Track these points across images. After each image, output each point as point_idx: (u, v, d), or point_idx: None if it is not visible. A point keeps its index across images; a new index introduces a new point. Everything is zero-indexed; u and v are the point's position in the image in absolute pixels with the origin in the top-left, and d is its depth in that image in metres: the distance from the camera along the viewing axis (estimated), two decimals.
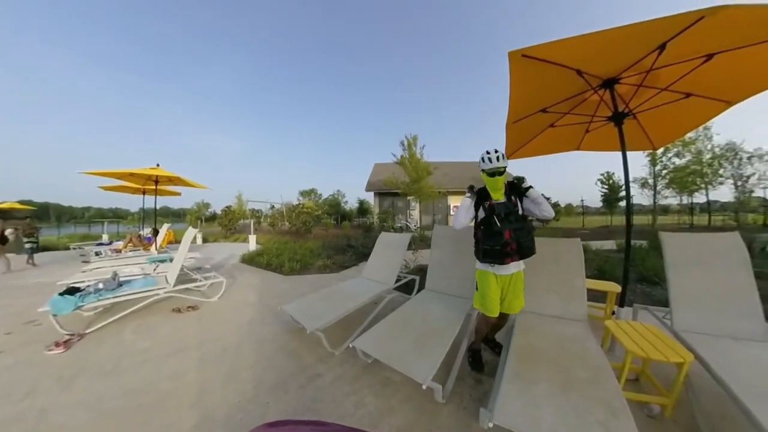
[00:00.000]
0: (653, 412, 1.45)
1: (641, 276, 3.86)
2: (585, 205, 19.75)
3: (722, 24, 1.32)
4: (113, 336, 2.43)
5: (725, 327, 1.72)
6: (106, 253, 5.58)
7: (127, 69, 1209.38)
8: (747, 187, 15.32)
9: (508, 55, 1.38)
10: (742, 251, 1.84)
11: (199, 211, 32.33)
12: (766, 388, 1.23)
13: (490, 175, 1.65)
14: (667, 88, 1.93)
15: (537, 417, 1.09)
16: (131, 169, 4.81)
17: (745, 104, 2.03)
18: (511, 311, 1.75)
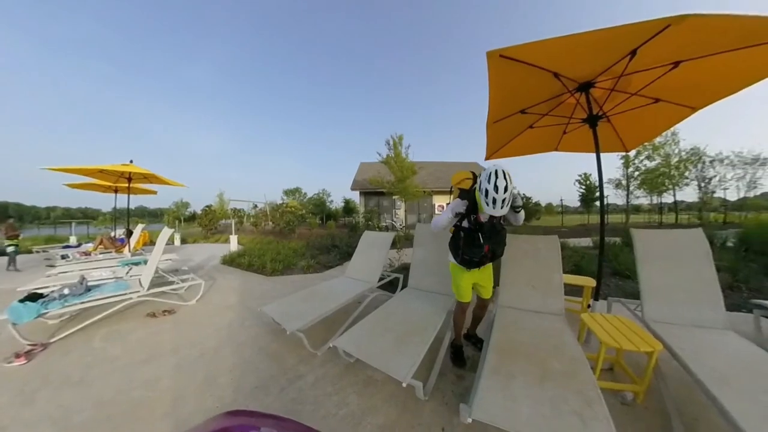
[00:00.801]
0: (627, 400, 1.53)
1: (615, 270, 4.05)
2: (564, 204, 20.52)
3: (687, 32, 1.39)
4: (81, 345, 2.28)
5: (691, 317, 1.83)
6: (74, 257, 5.24)
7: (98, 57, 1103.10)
8: (709, 189, 16.53)
9: (487, 55, 1.40)
10: (705, 246, 1.97)
11: (178, 210, 31.04)
12: (727, 372, 1.32)
13: None
14: (638, 93, 2.03)
15: (515, 410, 1.11)
16: (102, 166, 4.52)
17: (709, 111, 2.17)
18: (485, 295, 1.92)
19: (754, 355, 1.47)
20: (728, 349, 1.54)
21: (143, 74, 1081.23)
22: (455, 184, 1.92)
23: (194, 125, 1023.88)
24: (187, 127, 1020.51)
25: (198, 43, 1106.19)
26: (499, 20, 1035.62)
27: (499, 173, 1.42)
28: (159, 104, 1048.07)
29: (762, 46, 1.45)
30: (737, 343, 1.59)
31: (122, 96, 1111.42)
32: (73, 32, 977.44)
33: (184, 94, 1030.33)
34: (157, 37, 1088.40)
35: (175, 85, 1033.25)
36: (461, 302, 1.85)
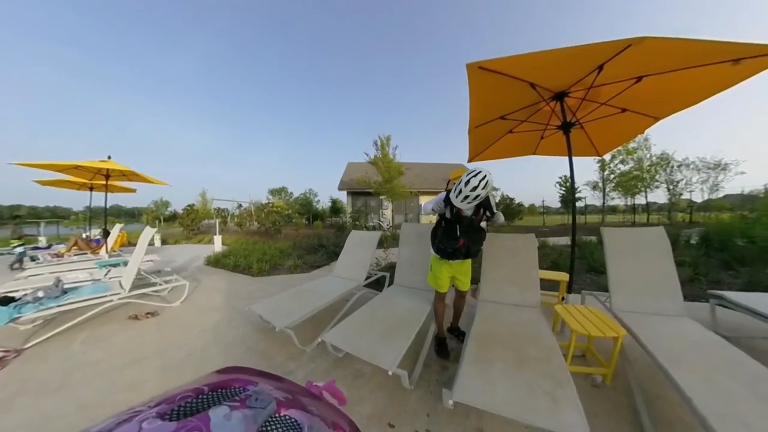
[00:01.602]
0: (596, 382, 1.67)
1: (590, 266, 4.29)
2: (545, 205, 21.34)
3: (647, 52, 1.56)
4: (59, 350, 2.19)
5: (652, 306, 2.01)
6: (45, 258, 4.98)
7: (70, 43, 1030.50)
8: (677, 191, 17.70)
9: (466, 67, 1.51)
10: (666, 242, 2.16)
11: (158, 210, 29.82)
12: (682, 353, 1.48)
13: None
14: (606, 103, 2.21)
15: (493, 393, 1.21)
16: (77, 161, 4.29)
17: (676, 121, 2.38)
18: (462, 288, 2.02)
19: (707, 338, 1.64)
20: (684, 334, 1.70)
21: (122, 64, 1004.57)
22: (452, 178, 2.06)
23: (176, 120, 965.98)
24: (169, 122, 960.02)
25: (181, 33, 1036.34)
26: (484, 25, 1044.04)
27: (479, 176, 1.53)
28: (138, 97, 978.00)
29: (711, 65, 1.64)
30: (692, 328, 1.76)
31: (98, 87, 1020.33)
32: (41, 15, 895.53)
33: (165, 87, 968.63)
34: (137, 23, 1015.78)
35: (156, 77, 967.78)
36: (439, 292, 1.98)
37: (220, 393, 0.27)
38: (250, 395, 0.27)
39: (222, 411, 0.23)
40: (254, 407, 0.25)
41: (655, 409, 1.47)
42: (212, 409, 0.23)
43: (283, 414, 0.27)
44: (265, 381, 0.32)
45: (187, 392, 0.26)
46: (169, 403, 0.24)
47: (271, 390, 0.29)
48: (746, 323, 2.40)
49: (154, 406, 0.23)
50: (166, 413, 0.22)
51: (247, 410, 0.24)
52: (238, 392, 0.28)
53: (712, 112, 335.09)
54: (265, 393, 0.28)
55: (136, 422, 0.21)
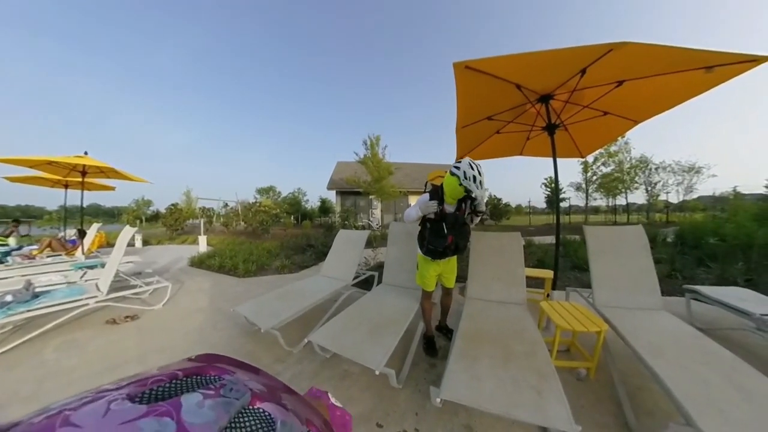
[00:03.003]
0: (581, 376, 1.72)
1: (575, 264, 4.42)
2: (532, 205, 21.89)
3: (628, 56, 1.62)
4: (30, 357, 2.06)
5: (632, 300, 2.08)
6: (13, 260, 4.70)
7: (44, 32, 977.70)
8: (655, 192, 18.54)
9: (453, 66, 1.52)
10: (644, 240, 2.24)
11: (139, 209, 28.76)
12: (661, 345, 1.53)
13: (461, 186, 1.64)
14: (589, 106, 2.29)
15: (479, 388, 1.22)
16: (51, 157, 4.06)
17: (655, 125, 2.49)
18: (448, 285, 2.05)
19: (684, 330, 1.72)
20: (662, 327, 1.77)
21: (103, 56, 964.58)
22: (430, 179, 2.07)
23: (160, 116, 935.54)
24: (152, 117, 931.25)
25: (167, 26, 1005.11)
26: (475, 26, 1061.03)
27: (466, 161, 1.62)
28: (118, 91, 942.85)
29: (687, 72, 1.72)
30: (670, 322, 1.84)
31: (77, 79, 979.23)
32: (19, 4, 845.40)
33: (149, 81, 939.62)
34: (119, 17, 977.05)
35: (138, 70, 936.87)
36: (426, 291, 2.00)
37: (195, 380, 0.27)
38: (224, 384, 0.26)
39: (195, 398, 0.23)
40: (228, 397, 0.24)
41: (636, 399, 1.53)
42: (185, 396, 0.23)
43: (257, 406, 0.26)
44: (242, 372, 0.31)
45: (161, 376, 0.25)
46: (140, 386, 0.23)
47: (247, 381, 0.29)
48: (719, 316, 2.53)
49: (124, 387, 0.23)
50: (137, 395, 0.22)
51: (220, 399, 0.24)
52: (213, 380, 0.27)
53: (688, 117, 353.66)
54: (241, 384, 0.27)
55: (104, 402, 0.20)
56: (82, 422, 0.18)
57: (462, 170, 1.60)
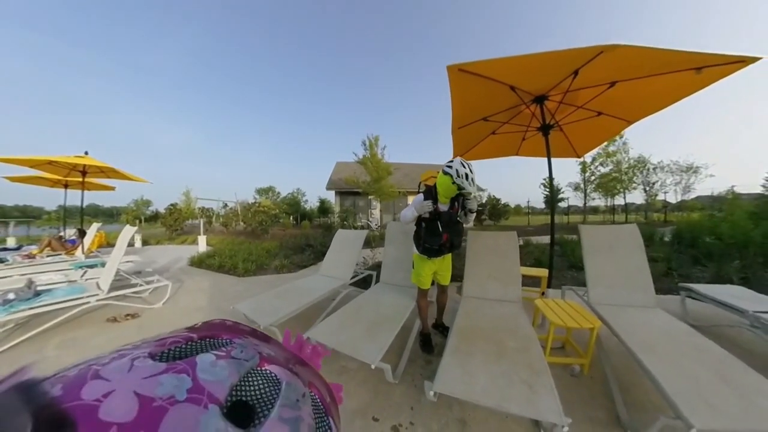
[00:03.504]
0: (575, 372, 1.75)
1: (571, 263, 4.46)
2: (530, 206, 21.93)
3: (619, 58, 1.65)
4: (31, 355, 2.09)
5: (626, 298, 2.11)
6: (14, 260, 4.72)
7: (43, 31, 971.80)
8: (653, 192, 18.60)
9: (447, 69, 1.55)
10: (639, 239, 2.27)
11: (138, 209, 28.76)
12: (653, 342, 1.56)
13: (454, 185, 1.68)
14: (583, 107, 2.32)
15: (472, 383, 1.25)
16: (51, 156, 4.08)
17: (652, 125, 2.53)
18: (443, 282, 2.10)
19: (677, 328, 1.74)
20: (655, 324, 1.80)
21: (103, 57, 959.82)
22: (423, 180, 2.10)
23: (158, 115, 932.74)
24: (151, 117, 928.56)
25: (165, 26, 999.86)
26: (472, 26, 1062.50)
27: (458, 161, 1.67)
28: (118, 90, 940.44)
29: (676, 72, 1.75)
30: (663, 319, 1.86)
31: (77, 80, 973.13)
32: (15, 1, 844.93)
33: (148, 81, 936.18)
34: (117, 14, 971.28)
35: (137, 69, 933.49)
36: (421, 289, 2.04)
37: (209, 342, 0.29)
38: (235, 347, 0.28)
39: (208, 358, 0.24)
40: (238, 358, 0.26)
41: (629, 395, 1.56)
42: (199, 356, 0.25)
43: (265, 368, 0.28)
44: (252, 338, 0.34)
45: (178, 338, 0.27)
46: (160, 346, 0.25)
47: (256, 345, 0.31)
48: (713, 313, 2.56)
49: (145, 347, 0.25)
50: (157, 354, 0.24)
51: (231, 360, 0.26)
52: (225, 343, 0.29)
53: (685, 117, 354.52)
54: (251, 347, 0.29)
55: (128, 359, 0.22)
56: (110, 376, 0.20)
57: (454, 168, 1.64)
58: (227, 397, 0.23)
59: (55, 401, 0.17)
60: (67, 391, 0.18)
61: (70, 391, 0.18)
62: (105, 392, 0.18)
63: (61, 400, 0.17)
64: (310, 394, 0.31)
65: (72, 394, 0.17)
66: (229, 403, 0.23)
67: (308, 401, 0.29)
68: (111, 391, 0.18)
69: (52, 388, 0.18)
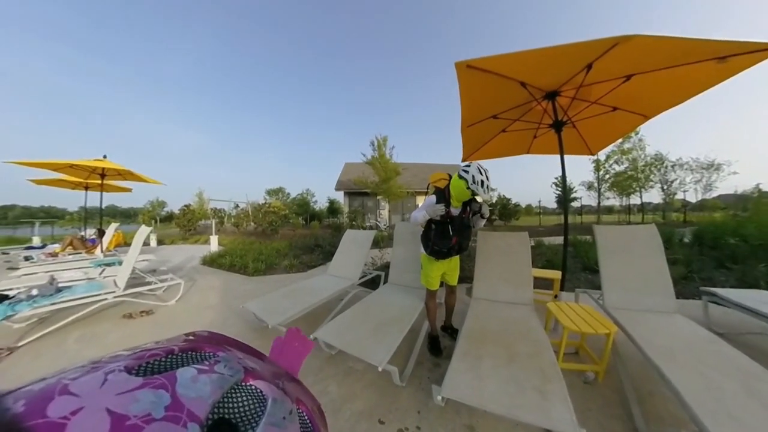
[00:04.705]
0: (589, 379, 1.68)
1: (585, 265, 4.32)
2: (542, 205, 21.44)
3: (635, 50, 1.57)
4: (53, 348, 2.19)
5: (644, 303, 2.01)
6: (39, 258, 4.94)
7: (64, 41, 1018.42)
8: (671, 191, 17.86)
9: (455, 66, 1.52)
10: (658, 240, 2.17)
11: (154, 210, 29.68)
12: (674, 349, 1.48)
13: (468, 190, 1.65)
14: (597, 102, 2.23)
15: (481, 388, 1.22)
16: (72, 160, 4.27)
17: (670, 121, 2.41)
18: (452, 282, 2.08)
19: (699, 335, 1.64)
20: (676, 330, 1.71)
21: (119, 64, 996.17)
22: (432, 182, 2.07)
23: (172, 120, 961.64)
24: (165, 121, 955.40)
25: (177, 34, 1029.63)
26: (479, 23, 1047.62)
27: (474, 167, 1.63)
28: (134, 96, 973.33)
29: (697, 63, 1.66)
30: (684, 325, 1.77)
31: (92, 86, 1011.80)
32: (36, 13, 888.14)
33: (161, 87, 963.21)
34: (134, 24, 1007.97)
35: (152, 76, 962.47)
36: (430, 290, 2.01)
37: (190, 355, 0.28)
38: (219, 361, 0.27)
39: (189, 373, 0.23)
40: (221, 373, 0.25)
41: (646, 405, 1.48)
42: (180, 370, 0.24)
43: (250, 384, 0.27)
44: (236, 350, 0.32)
45: (158, 350, 0.26)
46: (137, 359, 0.24)
47: (241, 359, 0.30)
48: (738, 320, 2.43)
49: (121, 360, 0.23)
50: (134, 368, 0.23)
51: (214, 375, 0.25)
52: (207, 357, 0.28)
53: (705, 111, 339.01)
54: (235, 361, 0.28)
55: (101, 373, 0.21)
56: (80, 391, 0.18)
57: (471, 174, 1.61)
58: (209, 415, 0.22)
59: (16, 419, 0.15)
60: (32, 408, 0.16)
61: (35, 408, 0.16)
62: (74, 409, 0.17)
63: (23, 417, 0.16)
64: (297, 411, 0.29)
65: (37, 411, 0.16)
66: (211, 421, 0.22)
67: (295, 418, 0.28)
68: (80, 408, 0.17)
69: (15, 404, 0.17)
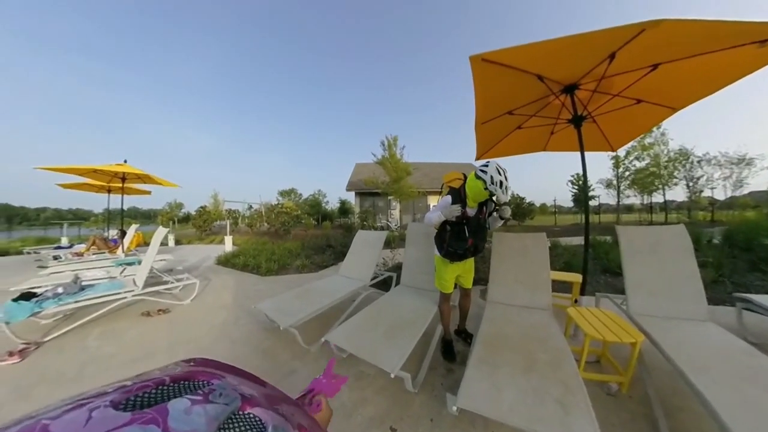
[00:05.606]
0: (612, 390, 1.58)
1: (605, 268, 4.14)
2: (557, 204, 20.84)
3: (663, 36, 1.46)
4: (75, 343, 2.28)
5: (673, 309, 1.89)
6: (66, 257, 5.19)
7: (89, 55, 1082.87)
8: (697, 188, 16.92)
9: (470, 60, 1.46)
10: (687, 241, 2.03)
11: (172, 211, 30.79)
12: (706, 361, 1.37)
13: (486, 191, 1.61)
14: (620, 94, 2.11)
15: (499, 398, 1.16)
16: (95, 165, 4.50)
17: (696, 112, 2.26)
18: (466, 285, 2.02)
19: (733, 345, 1.52)
20: (708, 340, 1.59)
21: (134, 73, 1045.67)
22: (447, 182, 2.01)
23: (187, 124, 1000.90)
24: (180, 126, 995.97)
25: (190, 41, 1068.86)
26: (489, 24, 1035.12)
27: (493, 166, 1.58)
28: (150, 103, 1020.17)
29: (734, 48, 1.53)
30: (717, 334, 1.65)
31: (113, 95, 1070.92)
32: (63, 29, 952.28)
33: (176, 93, 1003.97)
34: (148, 34, 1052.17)
35: (167, 83, 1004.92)
36: (444, 293, 1.96)
37: (183, 385, 0.26)
38: (214, 390, 0.26)
39: (182, 404, 0.22)
40: (217, 402, 0.24)
41: (675, 420, 1.38)
42: (171, 402, 0.22)
43: (248, 412, 0.25)
44: (231, 376, 0.30)
45: (147, 382, 0.25)
46: (125, 393, 0.23)
47: (237, 386, 0.28)
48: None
49: (107, 394, 0.22)
50: (121, 403, 0.21)
51: (209, 405, 0.23)
52: (201, 386, 0.27)
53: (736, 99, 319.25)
54: (230, 388, 0.27)
55: (85, 410, 0.19)
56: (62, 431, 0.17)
57: (489, 174, 1.56)
58: None
59: None
60: None
61: None
62: None
63: None
64: None
65: None
66: None
67: None
68: None
69: None
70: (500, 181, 1.54)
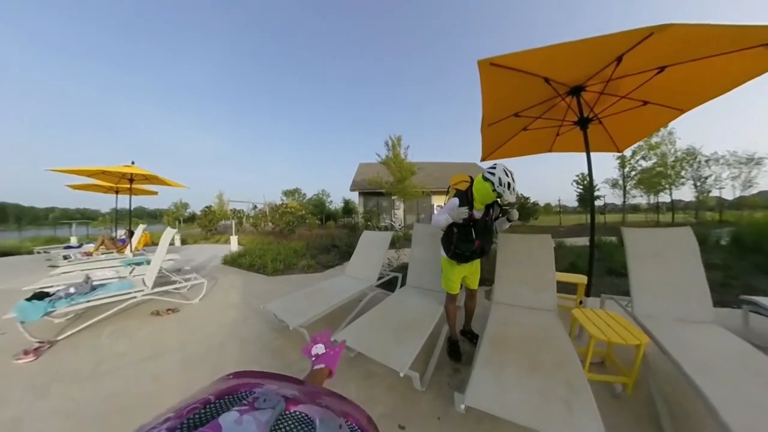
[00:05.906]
0: (616, 391, 1.59)
1: (610, 269, 4.12)
2: (562, 204, 20.65)
3: (670, 40, 1.47)
4: (88, 342, 2.34)
5: (678, 311, 1.89)
6: (75, 257, 5.28)
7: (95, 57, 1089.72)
8: (705, 188, 16.68)
9: (478, 64, 1.47)
10: (693, 243, 2.03)
11: (178, 211, 31.09)
12: (711, 363, 1.38)
13: (494, 192, 1.64)
14: (627, 96, 2.11)
15: (506, 397, 1.18)
16: (103, 167, 4.58)
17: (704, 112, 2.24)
18: (472, 286, 2.06)
19: (739, 347, 1.53)
20: (713, 342, 1.60)
21: (140, 75, 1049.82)
22: (453, 184, 2.03)
23: (191, 125, 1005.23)
24: (185, 127, 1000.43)
25: (195, 43, 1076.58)
26: (492, 24, 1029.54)
27: (500, 168, 1.63)
28: (156, 104, 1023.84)
29: (740, 51, 1.53)
30: (722, 337, 1.65)
31: (119, 97, 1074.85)
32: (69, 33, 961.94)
33: (181, 94, 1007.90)
34: (153, 37, 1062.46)
35: (172, 85, 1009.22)
36: (450, 294, 1.99)
37: (227, 399, 0.28)
38: (257, 397, 0.27)
39: (232, 416, 0.23)
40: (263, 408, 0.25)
41: (679, 421, 1.39)
42: (222, 416, 0.23)
43: (293, 410, 0.27)
44: (269, 381, 0.32)
45: (194, 404, 0.26)
46: (177, 418, 0.24)
47: (278, 389, 0.30)
48: None
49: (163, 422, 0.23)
50: (176, 427, 0.23)
51: (256, 412, 0.24)
52: (245, 396, 0.28)
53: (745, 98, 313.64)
54: (272, 392, 0.28)
55: None
56: None
57: (497, 177, 1.60)
58: None
59: None
60: None
61: None
62: None
63: None
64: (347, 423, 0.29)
65: None
66: None
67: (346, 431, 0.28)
68: None
69: None
70: (508, 182, 1.59)
